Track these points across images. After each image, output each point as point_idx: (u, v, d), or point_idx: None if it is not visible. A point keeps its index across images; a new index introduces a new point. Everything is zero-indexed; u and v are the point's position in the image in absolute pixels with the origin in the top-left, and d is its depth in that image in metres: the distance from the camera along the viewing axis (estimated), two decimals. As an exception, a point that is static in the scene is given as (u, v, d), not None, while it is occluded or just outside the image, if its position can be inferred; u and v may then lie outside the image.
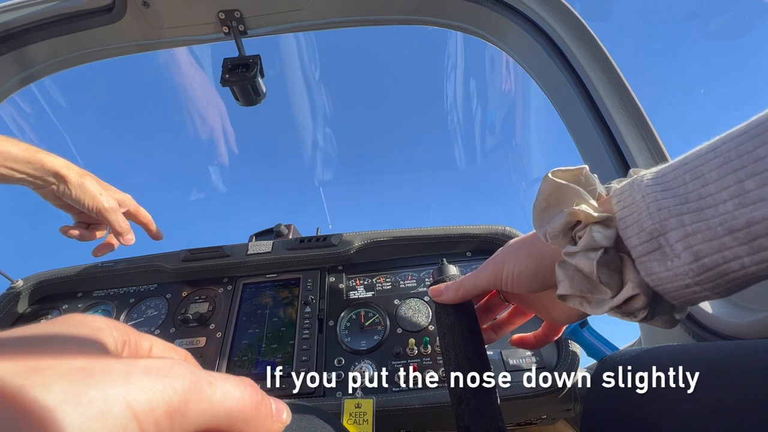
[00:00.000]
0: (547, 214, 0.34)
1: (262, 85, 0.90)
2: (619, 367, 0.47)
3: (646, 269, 0.28)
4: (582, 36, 0.74)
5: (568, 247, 0.32)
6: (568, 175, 0.34)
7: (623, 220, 0.29)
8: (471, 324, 0.45)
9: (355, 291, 0.83)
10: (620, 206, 0.30)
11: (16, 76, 0.90)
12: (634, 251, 0.29)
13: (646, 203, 0.28)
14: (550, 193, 0.34)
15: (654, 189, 0.28)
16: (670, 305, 0.30)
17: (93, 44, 0.91)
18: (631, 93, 0.68)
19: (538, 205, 0.35)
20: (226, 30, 0.88)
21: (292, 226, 1.06)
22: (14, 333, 0.18)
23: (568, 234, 0.32)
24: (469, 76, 5.76)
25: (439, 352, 0.70)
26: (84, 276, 0.88)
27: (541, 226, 0.34)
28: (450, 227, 0.86)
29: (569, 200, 0.33)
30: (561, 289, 0.33)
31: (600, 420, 0.50)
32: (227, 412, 0.19)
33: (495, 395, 0.40)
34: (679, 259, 0.26)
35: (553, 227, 0.32)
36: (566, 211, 0.31)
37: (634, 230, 0.28)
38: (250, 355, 0.74)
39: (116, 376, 0.16)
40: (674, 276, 0.27)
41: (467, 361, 0.41)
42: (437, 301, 0.48)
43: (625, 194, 0.30)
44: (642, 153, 0.64)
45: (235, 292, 0.84)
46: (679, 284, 0.27)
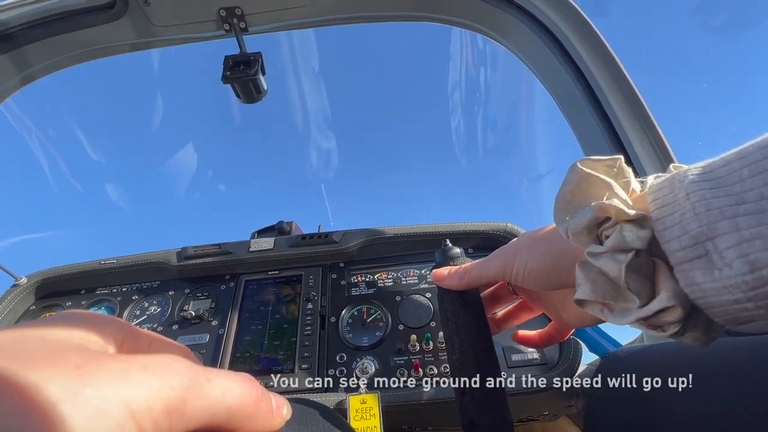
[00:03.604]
0: (571, 208, 0.31)
1: (264, 83, 0.89)
2: (623, 364, 0.47)
3: (686, 278, 0.24)
4: (585, 32, 0.73)
5: (593, 247, 0.28)
6: (600, 166, 0.30)
7: (661, 220, 0.25)
8: (476, 312, 0.43)
9: (357, 288, 0.83)
10: (657, 204, 0.26)
11: (16, 76, 0.90)
12: (673, 257, 0.25)
13: (691, 202, 0.24)
14: (576, 184, 0.30)
15: (701, 186, 0.24)
16: (705, 321, 0.26)
17: (93, 42, 0.90)
18: (633, 88, 0.68)
19: (562, 197, 0.31)
20: (227, 27, 0.88)
21: (294, 223, 1.06)
22: (10, 331, 0.18)
23: (594, 231, 0.29)
24: (471, 73, 5.71)
25: (442, 348, 0.70)
26: (87, 273, 0.89)
27: (563, 221, 0.31)
28: (451, 224, 0.86)
29: (598, 193, 0.29)
30: (580, 293, 0.29)
31: (604, 417, 0.49)
32: (227, 408, 0.19)
33: (501, 385, 0.38)
34: (729, 269, 0.22)
35: (578, 223, 0.29)
36: (595, 205, 0.28)
37: (675, 233, 0.25)
38: (252, 352, 0.74)
39: (113, 374, 0.16)
40: (722, 288, 0.23)
41: (472, 350, 0.39)
42: (439, 285, 0.45)
43: (664, 191, 0.26)
44: (644, 146, 0.64)
45: (238, 288, 0.85)
46: (727, 298, 0.23)
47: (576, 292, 0.30)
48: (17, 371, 0.14)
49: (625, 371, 0.49)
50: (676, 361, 0.39)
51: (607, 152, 0.69)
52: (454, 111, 25.72)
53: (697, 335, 0.27)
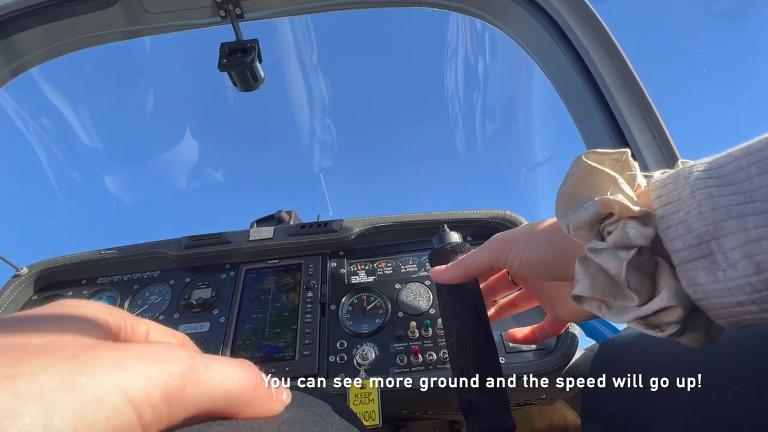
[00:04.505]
0: (574, 202, 0.30)
1: (261, 70, 0.89)
2: (621, 350, 0.48)
3: (689, 278, 0.24)
4: (585, 16, 0.72)
5: (594, 243, 0.27)
6: (605, 159, 0.29)
7: (665, 219, 0.25)
8: (473, 296, 0.43)
9: (357, 276, 0.84)
10: (661, 202, 0.25)
11: (7, 66, 0.89)
12: (676, 256, 0.24)
13: (696, 201, 0.23)
14: (580, 177, 0.29)
15: (708, 183, 0.23)
16: (705, 322, 0.26)
17: (86, 30, 0.89)
18: (634, 75, 0.67)
19: (565, 191, 0.30)
20: (223, 14, 0.87)
21: (293, 212, 1.06)
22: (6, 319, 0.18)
23: (596, 227, 0.28)
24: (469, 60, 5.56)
25: (441, 335, 0.71)
26: (87, 263, 0.89)
27: (565, 215, 0.30)
28: (450, 212, 0.86)
29: (602, 188, 0.28)
30: (578, 289, 0.29)
31: (601, 401, 0.50)
32: (226, 394, 0.20)
33: (499, 368, 0.39)
34: (734, 270, 0.22)
35: (580, 218, 0.28)
36: (598, 200, 0.27)
37: (679, 231, 0.24)
38: (253, 340, 0.75)
39: (110, 362, 0.16)
40: (725, 290, 0.22)
41: (469, 334, 0.40)
42: (438, 281, 0.45)
43: (668, 188, 0.25)
44: (644, 134, 0.63)
45: (238, 277, 0.85)
46: (731, 300, 0.22)
47: (574, 288, 0.29)
48: (12, 361, 0.14)
49: (623, 356, 0.49)
50: (674, 347, 0.40)
51: (606, 139, 0.69)
52: (453, 99, 25.46)
53: (697, 336, 0.26)
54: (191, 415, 0.18)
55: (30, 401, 0.13)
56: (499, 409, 0.37)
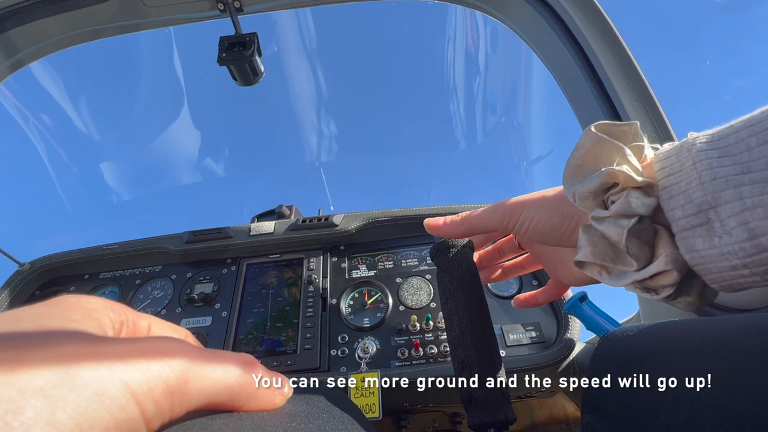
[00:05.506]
0: (581, 173, 0.30)
1: (260, 64, 0.88)
2: (621, 343, 0.48)
3: (687, 245, 0.25)
4: (585, 6, 0.71)
5: (598, 211, 0.29)
6: (615, 131, 0.30)
7: (667, 189, 0.26)
8: (474, 289, 0.43)
9: (358, 270, 0.84)
10: (664, 173, 0.26)
11: (4, 62, 0.88)
12: (675, 224, 0.25)
13: (697, 171, 0.24)
14: (588, 148, 0.30)
15: (709, 155, 0.24)
16: (699, 287, 0.27)
17: (84, 24, 0.88)
18: (636, 67, 0.67)
19: (573, 161, 0.31)
20: (222, 7, 0.86)
21: (293, 207, 1.06)
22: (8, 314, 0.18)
23: (600, 197, 0.29)
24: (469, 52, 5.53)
25: (441, 328, 0.71)
26: (89, 258, 0.89)
27: (572, 185, 0.31)
28: (451, 206, 0.86)
29: (609, 159, 0.29)
30: (581, 255, 0.30)
31: (601, 394, 0.50)
32: (227, 388, 0.20)
33: (499, 360, 0.39)
34: (729, 237, 0.23)
35: (585, 187, 0.29)
36: (604, 171, 0.28)
37: (680, 201, 0.25)
38: (255, 334, 0.76)
39: (111, 357, 0.16)
40: (720, 255, 0.23)
41: (470, 327, 0.40)
42: (434, 234, 0.45)
43: (671, 159, 0.26)
44: (645, 126, 0.63)
45: (239, 272, 0.85)
46: (725, 265, 0.23)
47: (577, 254, 0.30)
48: (14, 356, 0.14)
49: (623, 350, 0.50)
50: (674, 341, 0.40)
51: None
52: (453, 93, 25.17)
53: (690, 300, 0.27)
54: (193, 409, 0.19)
55: (33, 396, 0.13)
56: (499, 401, 0.37)
